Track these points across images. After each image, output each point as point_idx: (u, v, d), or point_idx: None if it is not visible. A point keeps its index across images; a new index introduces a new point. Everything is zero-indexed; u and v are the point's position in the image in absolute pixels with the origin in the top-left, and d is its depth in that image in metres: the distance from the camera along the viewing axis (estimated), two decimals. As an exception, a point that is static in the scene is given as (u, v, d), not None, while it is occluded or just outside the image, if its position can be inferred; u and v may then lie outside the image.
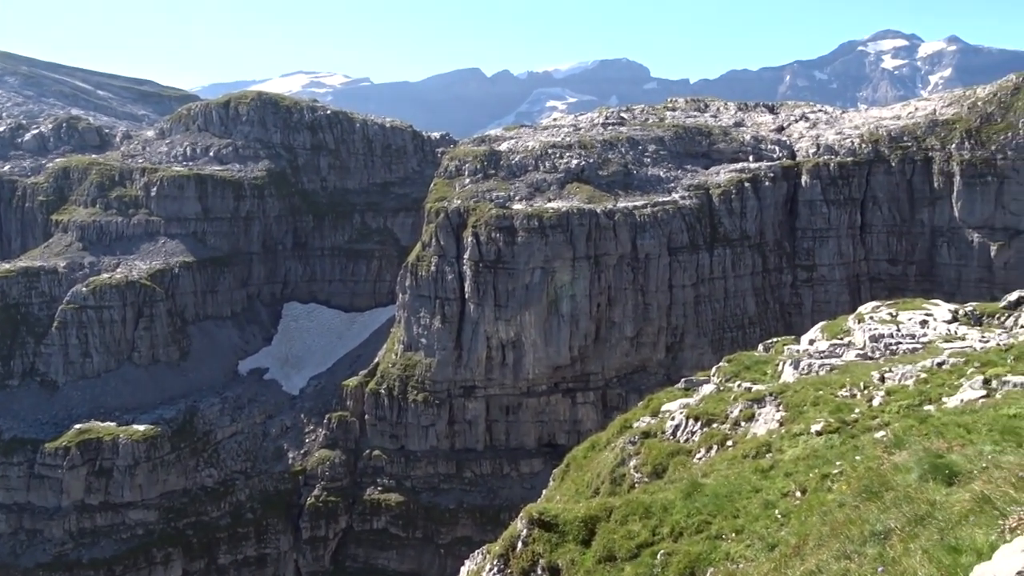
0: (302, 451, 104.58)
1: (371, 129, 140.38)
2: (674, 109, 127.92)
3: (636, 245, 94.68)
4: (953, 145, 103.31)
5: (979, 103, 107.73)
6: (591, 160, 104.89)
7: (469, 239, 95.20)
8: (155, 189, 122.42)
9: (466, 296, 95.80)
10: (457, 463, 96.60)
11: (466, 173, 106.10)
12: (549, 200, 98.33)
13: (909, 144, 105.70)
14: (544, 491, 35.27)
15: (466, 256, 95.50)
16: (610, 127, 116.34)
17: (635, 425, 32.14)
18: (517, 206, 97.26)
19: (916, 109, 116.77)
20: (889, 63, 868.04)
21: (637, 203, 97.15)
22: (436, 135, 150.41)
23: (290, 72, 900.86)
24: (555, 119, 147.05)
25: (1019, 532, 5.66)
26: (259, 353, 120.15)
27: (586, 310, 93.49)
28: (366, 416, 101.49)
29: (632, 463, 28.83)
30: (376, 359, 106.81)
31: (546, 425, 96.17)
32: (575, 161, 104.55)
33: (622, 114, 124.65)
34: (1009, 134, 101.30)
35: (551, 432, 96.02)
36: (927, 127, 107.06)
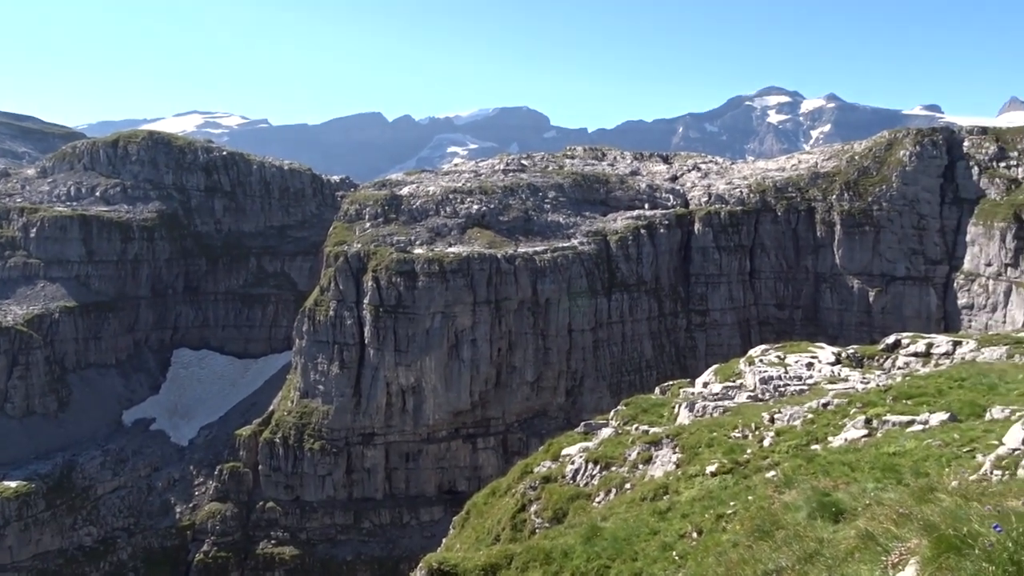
0: (191, 505, 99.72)
1: (269, 171, 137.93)
2: (573, 157, 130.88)
3: (536, 290, 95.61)
4: (834, 196, 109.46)
5: (856, 157, 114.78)
6: (492, 206, 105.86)
7: (369, 283, 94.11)
8: (35, 230, 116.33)
9: (366, 341, 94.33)
10: (355, 513, 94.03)
11: (367, 217, 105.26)
12: (450, 245, 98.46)
13: (793, 195, 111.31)
14: (444, 539, 34.66)
15: (366, 301, 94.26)
16: (511, 173, 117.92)
17: (536, 470, 32.06)
18: (418, 251, 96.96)
19: (799, 162, 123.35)
20: (774, 118, 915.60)
21: (537, 248, 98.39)
22: (336, 179, 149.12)
23: (184, 111, 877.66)
24: (456, 165, 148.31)
25: (901, 567, 5.81)
26: (145, 402, 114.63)
27: (487, 355, 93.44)
28: (260, 466, 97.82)
29: (533, 508, 28.69)
30: (271, 407, 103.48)
31: (447, 472, 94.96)
32: (476, 206, 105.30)
33: (523, 161, 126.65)
34: (884, 187, 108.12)
35: (452, 479, 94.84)
36: (810, 179, 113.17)
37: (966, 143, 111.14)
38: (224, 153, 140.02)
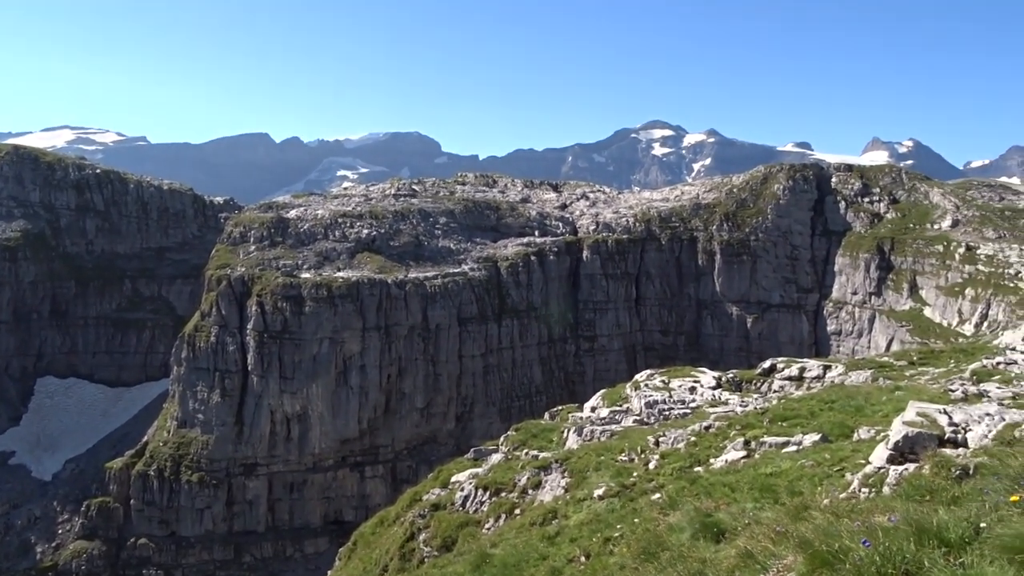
0: (53, 544, 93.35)
1: (146, 191, 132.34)
2: (464, 183, 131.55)
3: (427, 316, 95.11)
4: (714, 227, 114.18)
5: (735, 190, 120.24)
6: (383, 230, 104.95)
7: (253, 308, 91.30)
8: None
9: (249, 368, 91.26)
10: (236, 547, 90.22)
11: (251, 240, 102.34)
12: (339, 269, 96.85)
13: (677, 224, 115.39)
14: (329, 572, 33.74)
15: (250, 326, 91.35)
16: (402, 198, 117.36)
17: (425, 498, 31.69)
18: (305, 275, 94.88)
19: (682, 193, 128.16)
20: (658, 150, 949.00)
21: (428, 274, 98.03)
22: (219, 200, 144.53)
23: (54, 126, 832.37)
24: (346, 188, 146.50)
25: (778, 584, 6.03)
26: (4, 435, 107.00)
27: (376, 381, 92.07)
28: (132, 501, 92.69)
29: (422, 537, 28.30)
30: (145, 438, 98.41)
31: (333, 502, 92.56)
32: (366, 231, 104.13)
33: (414, 186, 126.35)
34: (760, 218, 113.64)
35: (338, 509, 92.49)
36: (692, 210, 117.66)
37: (834, 179, 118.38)
38: (98, 171, 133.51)
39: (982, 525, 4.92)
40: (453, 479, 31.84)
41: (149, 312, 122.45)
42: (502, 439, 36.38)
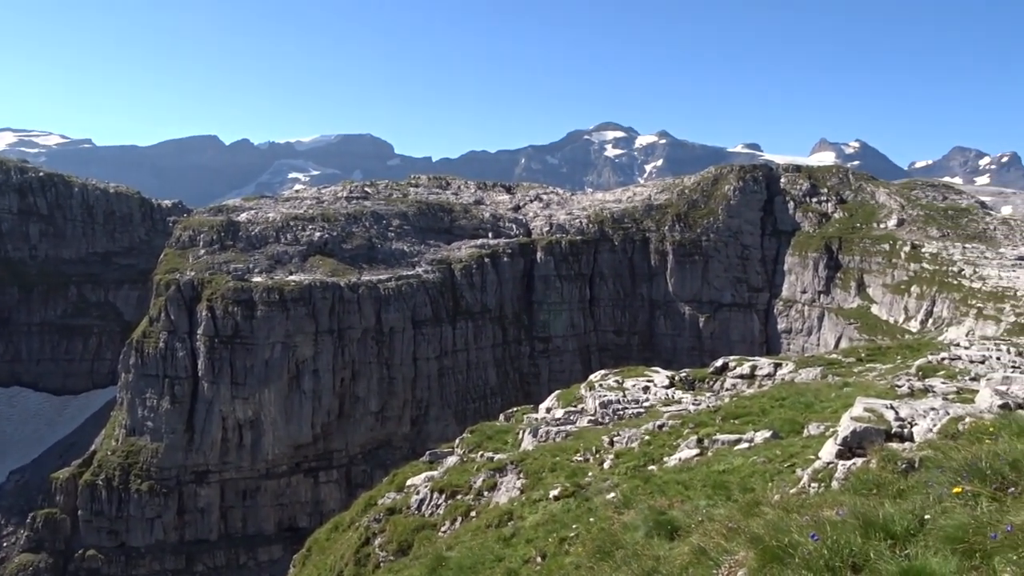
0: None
1: (92, 194, 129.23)
2: (417, 186, 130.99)
3: (381, 319, 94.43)
4: (666, 227, 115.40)
5: (686, 191, 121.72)
6: (335, 233, 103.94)
7: (204, 313, 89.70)
8: None
9: (199, 374, 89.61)
10: (187, 556, 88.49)
11: (201, 244, 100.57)
12: (291, 273, 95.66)
13: (629, 225, 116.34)
14: (283, 579, 33.26)
15: (200, 331, 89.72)
16: (354, 201, 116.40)
17: (380, 502, 31.43)
18: (257, 279, 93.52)
19: (634, 194, 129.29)
20: (611, 152, 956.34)
21: (381, 276, 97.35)
22: (167, 203, 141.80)
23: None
24: (297, 191, 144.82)
25: (730, 580, 6.07)
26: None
27: (329, 385, 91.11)
28: (79, 511, 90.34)
29: (377, 541, 28.04)
30: (93, 447, 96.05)
31: (287, 508, 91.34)
32: (318, 234, 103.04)
33: (366, 188, 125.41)
34: (711, 219, 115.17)
35: (292, 515, 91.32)
36: (644, 211, 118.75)
37: (783, 180, 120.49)
38: (41, 174, 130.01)
39: (926, 517, 5.00)
40: (408, 482, 31.63)
41: (95, 318, 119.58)
42: (457, 441, 36.25)
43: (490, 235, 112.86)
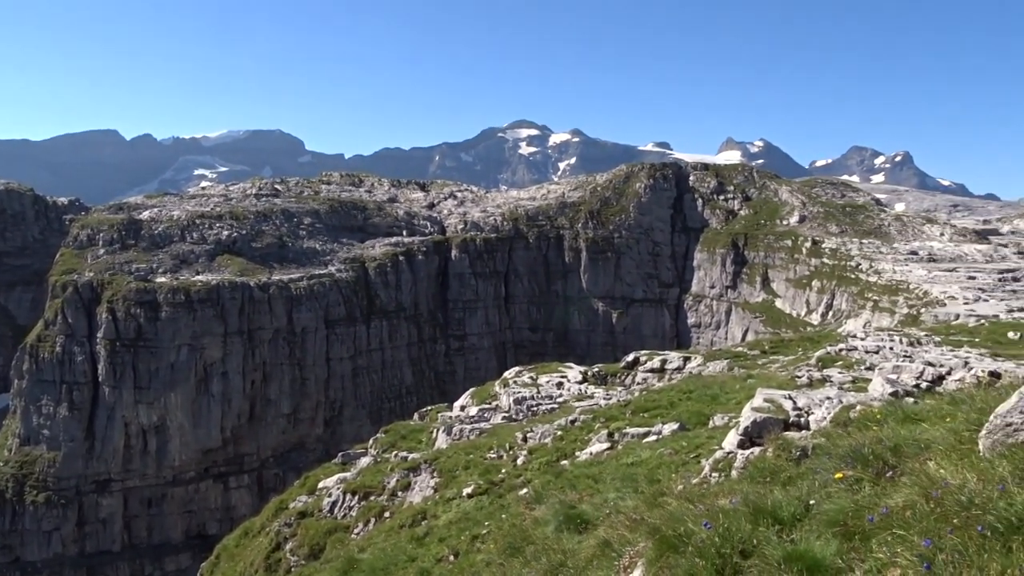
0: None
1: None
2: (330, 183, 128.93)
3: (292, 319, 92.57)
4: (580, 224, 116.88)
5: (599, 188, 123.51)
6: (244, 232, 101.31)
7: (104, 316, 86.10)
8: None
9: (100, 379, 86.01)
10: (88, 569, 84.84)
11: (100, 243, 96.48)
12: (197, 273, 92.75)
13: (544, 223, 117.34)
14: (191, 589, 32.31)
15: (100, 334, 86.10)
16: (264, 198, 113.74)
17: (291, 506, 30.86)
18: (161, 279, 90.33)
19: (548, 192, 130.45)
20: (525, 150, 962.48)
21: (293, 276, 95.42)
22: (63, 200, 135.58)
23: None
24: (204, 188, 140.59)
25: (631, 569, 6.18)
26: None
27: (239, 388, 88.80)
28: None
29: (288, 546, 27.52)
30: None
31: (195, 515, 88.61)
32: (226, 232, 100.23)
33: (276, 186, 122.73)
34: (623, 216, 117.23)
35: (201, 522, 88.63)
36: (558, 208, 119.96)
37: (691, 178, 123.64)
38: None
39: (811, 502, 5.20)
40: (321, 485, 31.15)
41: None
42: (371, 442, 35.91)
43: (404, 233, 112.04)
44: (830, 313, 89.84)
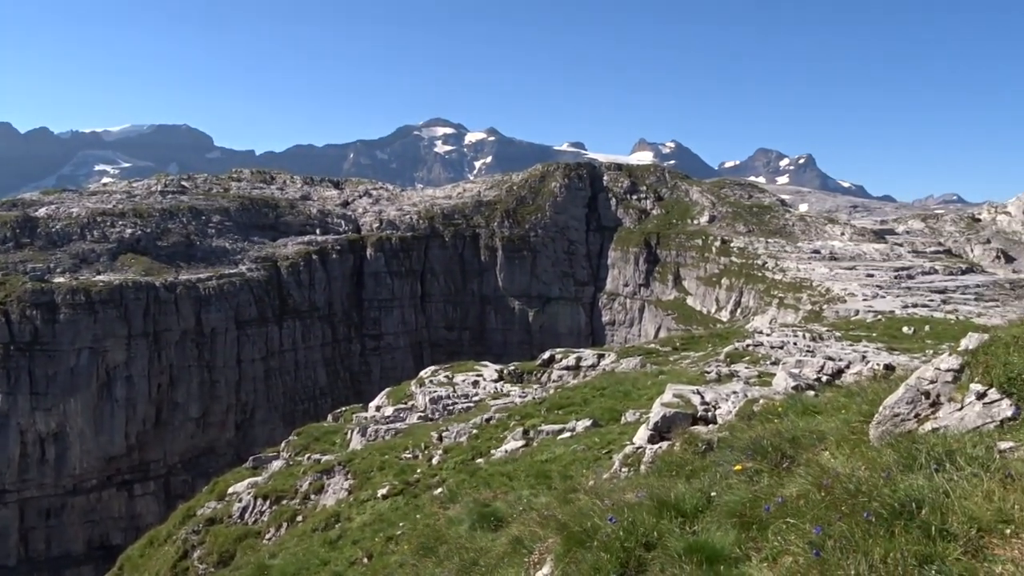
0: None
1: None
2: (239, 180, 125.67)
3: (201, 320, 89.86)
4: (496, 223, 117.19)
5: (515, 187, 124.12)
6: (149, 230, 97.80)
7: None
8: None
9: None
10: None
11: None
12: (99, 273, 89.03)
13: (460, 222, 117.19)
14: (93, 602, 31.07)
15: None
16: (170, 195, 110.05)
17: (199, 512, 30.02)
18: (59, 279, 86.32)
19: (464, 191, 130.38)
20: (441, 148, 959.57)
21: (201, 275, 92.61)
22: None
23: None
24: (106, 184, 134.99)
25: (540, 566, 6.23)
26: None
27: (144, 392, 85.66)
28: None
29: (196, 554, 26.76)
30: None
31: (98, 525, 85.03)
32: (130, 230, 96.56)
33: (183, 182, 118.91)
34: (539, 215, 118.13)
35: (104, 532, 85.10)
36: (474, 207, 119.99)
37: (605, 177, 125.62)
38: None
39: (712, 494, 5.34)
40: (230, 490, 30.39)
41: None
42: (283, 444, 35.25)
43: (318, 231, 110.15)
44: (739, 310, 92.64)
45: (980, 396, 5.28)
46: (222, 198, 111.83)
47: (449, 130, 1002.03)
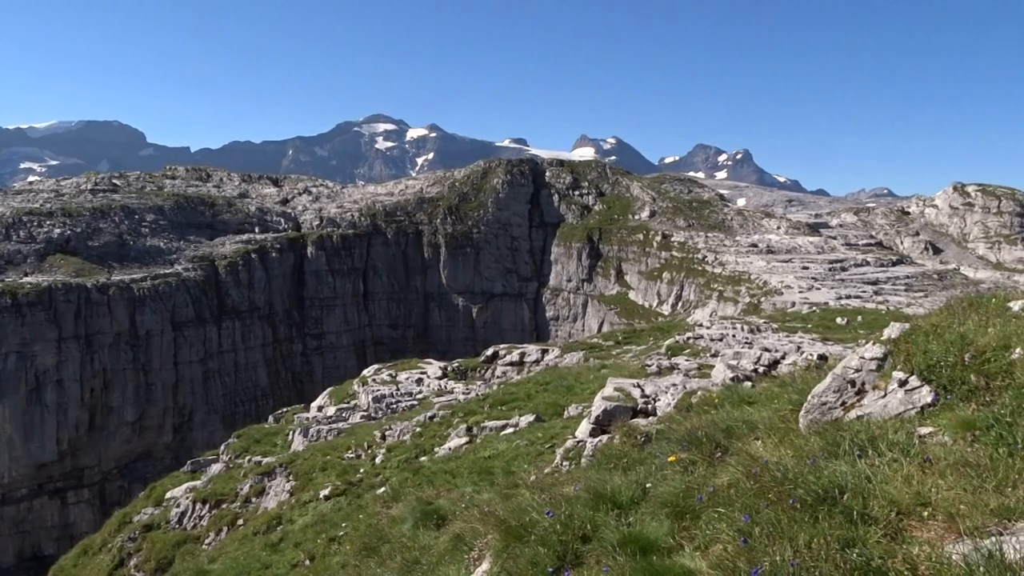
0: None
1: None
2: (174, 178, 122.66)
3: (135, 321, 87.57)
4: (438, 220, 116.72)
5: (457, 184, 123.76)
6: (79, 230, 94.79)
7: (-83, 322, 78.46)
8: None
9: (-86, 392, 78.36)
10: (-95, 602, 77.37)
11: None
12: (26, 274, 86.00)
13: (402, 218, 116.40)
14: (24, 614, 30.07)
15: (-87, 343, 78.41)
16: (101, 194, 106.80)
17: (136, 519, 29.32)
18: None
19: (406, 187, 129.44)
20: (382, 144, 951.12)
21: (135, 276, 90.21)
22: None
23: None
24: (32, 183, 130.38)
25: (480, 562, 6.23)
26: None
27: (77, 397, 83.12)
28: None
29: (133, 562, 26.15)
30: None
31: (29, 535, 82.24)
32: (59, 230, 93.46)
33: (115, 180, 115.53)
34: (481, 211, 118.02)
35: (35, 543, 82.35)
36: (416, 203, 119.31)
37: (547, 173, 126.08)
38: None
39: (648, 486, 5.42)
40: (168, 495, 29.76)
41: None
42: (223, 447, 34.60)
43: (257, 230, 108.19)
44: (680, 303, 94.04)
45: (902, 384, 5.47)
46: (156, 196, 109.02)
47: (390, 126, 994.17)
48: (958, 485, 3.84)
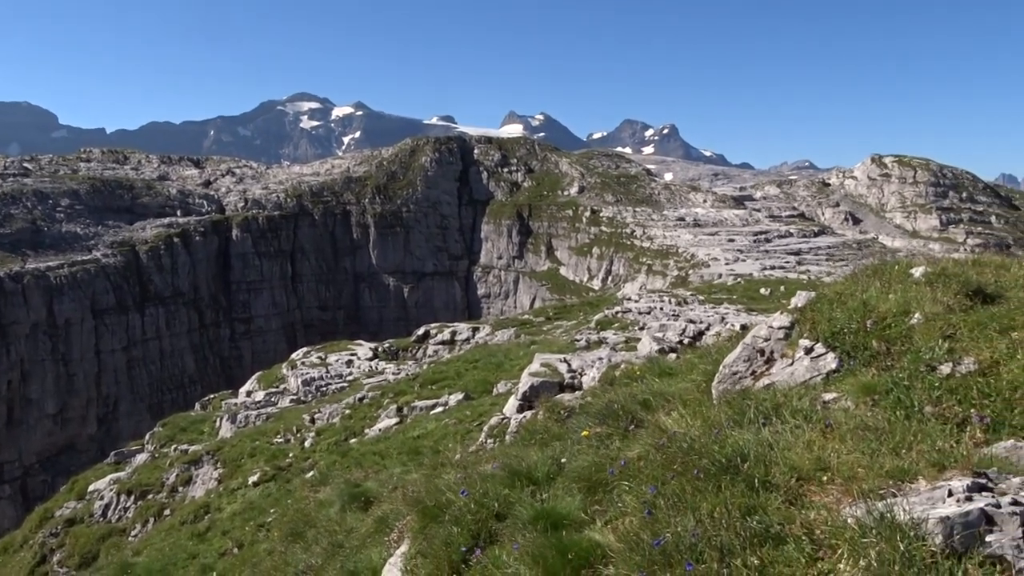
0: None
1: None
2: (89, 160, 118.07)
3: (53, 310, 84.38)
4: (367, 199, 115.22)
5: (385, 163, 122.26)
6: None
7: None
8: None
9: None
10: None
11: None
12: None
13: (329, 199, 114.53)
14: (-60, 619, 28.88)
15: None
16: (11, 178, 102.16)
17: (58, 513, 28.42)
18: None
19: (333, 167, 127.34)
20: (307, 123, 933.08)
21: (51, 263, 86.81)
22: None
23: None
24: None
25: (400, 543, 6.18)
26: None
27: (-7, 390, 79.93)
28: None
29: (56, 557, 25.36)
30: None
31: (-53, 535, 79.18)
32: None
33: (26, 164, 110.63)
34: (410, 190, 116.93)
35: (-45, 542, 79.37)
36: (344, 183, 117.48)
37: (476, 151, 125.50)
38: None
39: (563, 461, 5.43)
40: (91, 488, 28.89)
41: None
42: (148, 437, 33.75)
43: (179, 213, 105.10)
44: (610, 278, 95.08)
45: (808, 351, 5.59)
46: (71, 180, 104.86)
47: (315, 105, 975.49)
48: (857, 449, 3.93)
